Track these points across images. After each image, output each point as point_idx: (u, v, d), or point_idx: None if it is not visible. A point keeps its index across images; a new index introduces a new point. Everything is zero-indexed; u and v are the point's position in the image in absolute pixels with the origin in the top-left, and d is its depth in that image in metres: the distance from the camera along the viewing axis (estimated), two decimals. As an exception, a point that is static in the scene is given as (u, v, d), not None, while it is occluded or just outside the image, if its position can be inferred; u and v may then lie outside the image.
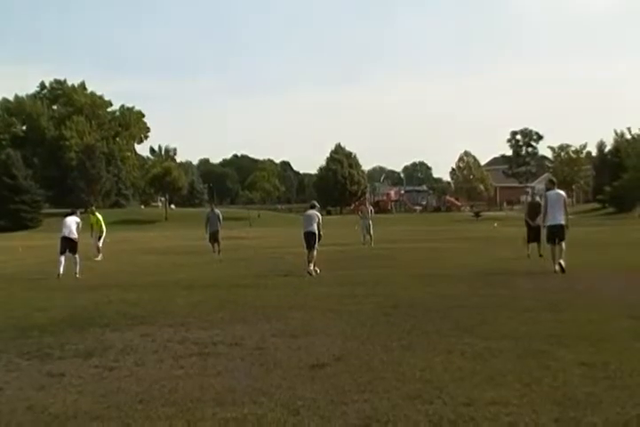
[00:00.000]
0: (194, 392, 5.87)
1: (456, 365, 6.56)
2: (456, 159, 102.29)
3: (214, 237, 24.50)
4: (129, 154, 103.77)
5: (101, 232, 24.23)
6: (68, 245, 17.49)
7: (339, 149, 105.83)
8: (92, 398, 5.82)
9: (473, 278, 14.23)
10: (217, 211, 25.55)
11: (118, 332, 8.90)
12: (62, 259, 17.21)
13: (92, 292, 13.58)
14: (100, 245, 23.82)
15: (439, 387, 5.78)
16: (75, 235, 17.69)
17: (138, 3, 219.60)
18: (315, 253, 16.48)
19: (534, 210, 18.82)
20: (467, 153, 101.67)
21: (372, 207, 30.70)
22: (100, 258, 22.88)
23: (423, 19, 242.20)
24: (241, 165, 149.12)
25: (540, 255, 18.16)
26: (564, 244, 14.88)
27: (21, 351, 7.77)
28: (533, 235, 18.89)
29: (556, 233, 15.02)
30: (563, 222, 15.10)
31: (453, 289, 12.53)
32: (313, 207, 17.46)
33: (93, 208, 26.57)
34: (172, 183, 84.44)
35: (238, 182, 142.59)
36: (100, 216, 24.67)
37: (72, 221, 17.87)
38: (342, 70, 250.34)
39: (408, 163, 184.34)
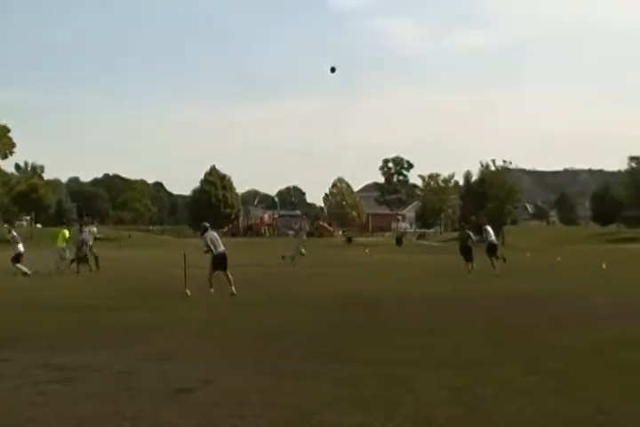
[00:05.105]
0: (54, 420, 5.67)
1: (324, 390, 6.64)
2: (330, 185, 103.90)
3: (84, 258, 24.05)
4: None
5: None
6: None
7: (213, 171, 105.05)
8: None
9: (344, 304, 14.42)
10: (86, 232, 24.92)
11: (-26, 356, 8.48)
12: None
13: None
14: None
15: (307, 412, 5.83)
16: None
17: (7, 11, 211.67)
18: (229, 273, 16.28)
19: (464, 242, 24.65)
20: (340, 179, 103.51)
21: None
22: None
23: (288, 48, 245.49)
24: (112, 184, 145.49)
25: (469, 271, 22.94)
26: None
27: None
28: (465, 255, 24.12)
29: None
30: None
31: (324, 315, 12.66)
32: (207, 229, 16.94)
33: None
34: (39, 201, 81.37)
35: (109, 202, 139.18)
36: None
37: None
38: (219, 91, 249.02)
39: (282, 187, 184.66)
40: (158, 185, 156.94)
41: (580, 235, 70.68)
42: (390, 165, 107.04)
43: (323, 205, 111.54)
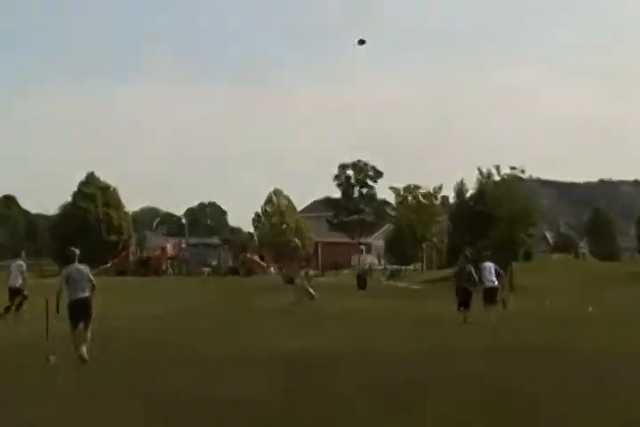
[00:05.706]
0: None
1: None
2: (262, 201, 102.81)
3: None
4: None
5: None
6: None
7: (91, 180, 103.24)
8: None
9: (281, 364, 14.63)
10: None
11: None
12: None
13: None
14: None
15: None
16: None
17: None
18: (89, 331, 15.87)
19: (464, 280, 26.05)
20: (277, 192, 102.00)
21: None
22: None
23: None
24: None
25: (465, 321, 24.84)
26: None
27: None
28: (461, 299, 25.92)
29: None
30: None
31: (253, 379, 12.86)
32: (74, 259, 16.45)
33: None
34: None
35: None
36: None
37: None
38: (87, 76, 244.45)
39: (193, 204, 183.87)
40: (9, 200, 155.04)
41: (622, 274, 71.08)
42: (350, 172, 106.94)
43: (252, 229, 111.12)
